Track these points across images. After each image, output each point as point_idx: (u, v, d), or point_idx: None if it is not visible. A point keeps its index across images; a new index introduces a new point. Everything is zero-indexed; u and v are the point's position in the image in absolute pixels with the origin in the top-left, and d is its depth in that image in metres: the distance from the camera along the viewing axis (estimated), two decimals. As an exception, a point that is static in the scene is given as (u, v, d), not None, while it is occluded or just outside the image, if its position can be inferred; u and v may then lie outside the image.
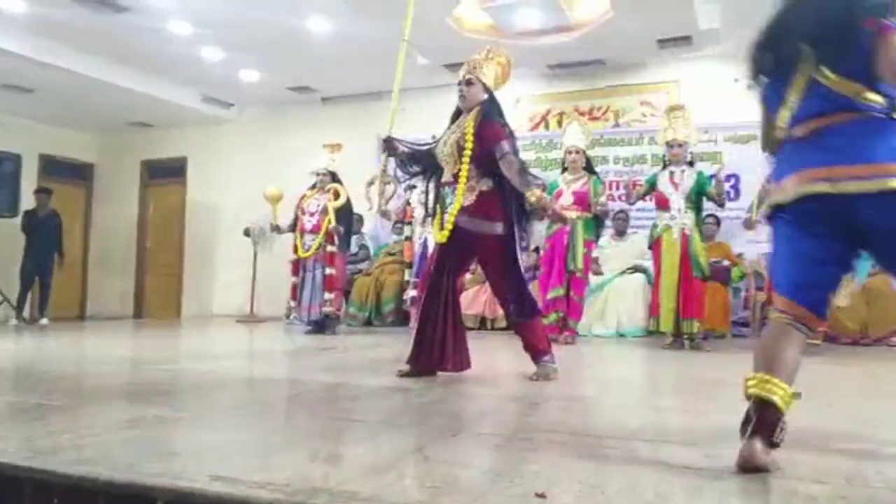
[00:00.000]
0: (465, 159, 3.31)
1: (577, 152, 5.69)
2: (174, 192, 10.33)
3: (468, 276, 7.42)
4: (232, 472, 1.63)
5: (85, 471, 1.64)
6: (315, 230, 6.41)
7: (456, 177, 3.34)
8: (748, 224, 5.10)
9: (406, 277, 6.27)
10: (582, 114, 7.77)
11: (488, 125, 3.34)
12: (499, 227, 3.30)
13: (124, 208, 10.64)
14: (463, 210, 3.30)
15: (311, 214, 6.48)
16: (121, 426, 2.23)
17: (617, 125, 7.87)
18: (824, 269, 1.92)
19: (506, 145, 3.28)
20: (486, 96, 3.49)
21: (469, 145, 3.30)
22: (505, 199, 3.32)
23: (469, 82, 3.49)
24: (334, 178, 6.63)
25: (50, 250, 8.34)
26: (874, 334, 5.74)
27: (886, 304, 5.76)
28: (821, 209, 1.84)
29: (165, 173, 10.48)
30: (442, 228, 3.37)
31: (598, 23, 6.44)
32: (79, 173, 10.75)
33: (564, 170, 5.79)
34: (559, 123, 7.86)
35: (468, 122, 3.39)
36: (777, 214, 1.99)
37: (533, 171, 3.42)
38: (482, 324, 7.09)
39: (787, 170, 1.95)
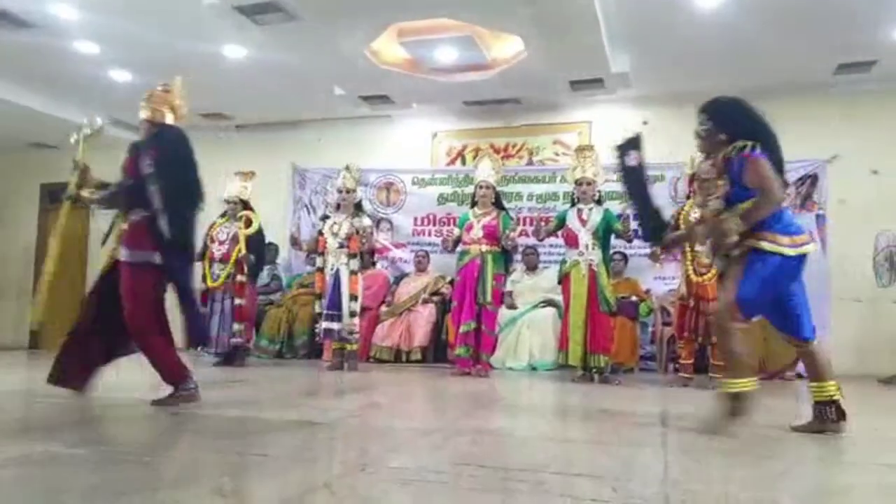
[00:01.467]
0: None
1: (488, 187, 5.78)
2: (77, 218, 9.82)
3: (384, 308, 7.39)
4: (125, 511, 1.55)
5: (-41, 514, 1.52)
6: (224, 259, 6.24)
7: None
8: (654, 257, 5.29)
9: (317, 309, 6.17)
10: (497, 151, 7.94)
11: (138, 156, 3.51)
12: (155, 257, 3.43)
13: (20, 233, 10.03)
14: (120, 239, 3.51)
15: (221, 243, 6.31)
16: (5, 464, 2.08)
17: (531, 163, 8.08)
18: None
19: (145, 166, 3.43)
20: (155, 131, 3.67)
21: (124, 176, 3.55)
22: (156, 230, 3.41)
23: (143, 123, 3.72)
24: (246, 205, 6.49)
25: None
26: (771, 368, 6.00)
27: (781, 340, 6.05)
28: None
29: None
30: None
31: (512, 63, 6.65)
32: (-29, 196, 10.09)
33: (474, 204, 5.87)
34: (475, 159, 8.00)
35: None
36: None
37: (449, 205, 3.52)
38: (397, 356, 7.04)
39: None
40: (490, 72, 6.87)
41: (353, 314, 6.00)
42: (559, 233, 5.63)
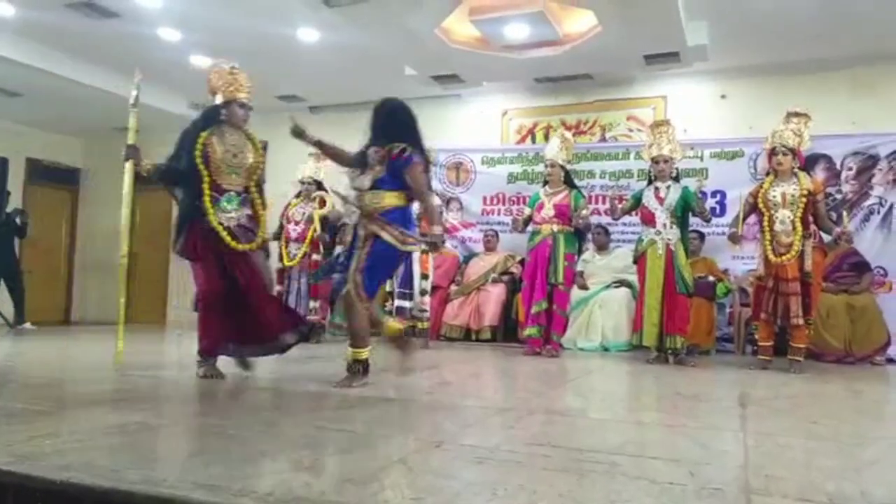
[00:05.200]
0: (256, 177, 3.93)
1: (553, 166, 5.68)
2: (161, 199, 10.21)
3: (453, 287, 7.43)
4: (214, 479, 1.62)
5: (67, 476, 1.62)
6: (300, 239, 6.41)
7: (247, 189, 3.87)
8: (734, 238, 5.13)
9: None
10: (569, 128, 7.79)
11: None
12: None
13: (111, 213, 10.53)
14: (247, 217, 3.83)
15: (297, 223, 6.48)
16: (104, 432, 2.21)
17: (604, 139, 7.91)
18: None
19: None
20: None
21: (262, 168, 3.97)
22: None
23: (250, 107, 3.97)
24: (320, 186, 6.63)
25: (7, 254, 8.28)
26: (858, 352, 5.73)
27: (871, 322, 5.77)
28: None
29: (153, 179, 10.40)
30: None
31: (586, 38, 6.51)
32: (65, 177, 10.68)
33: (545, 183, 5.81)
34: (546, 137, 7.89)
35: (258, 146, 3.96)
36: None
37: (519, 184, 3.64)
38: (467, 335, 7.08)
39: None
40: (562, 48, 6.74)
41: (423, 293, 6.07)
42: (634, 211, 5.52)
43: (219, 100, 3.91)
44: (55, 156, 10.41)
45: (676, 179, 5.37)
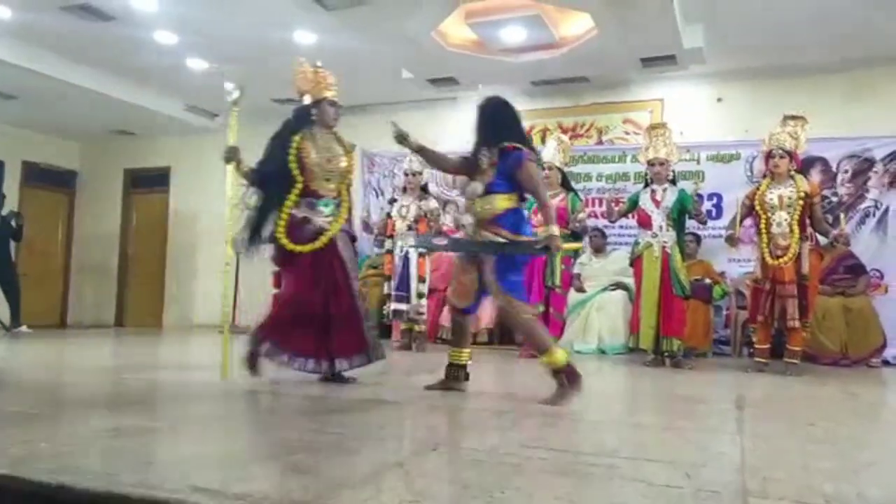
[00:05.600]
0: (349, 181, 3.89)
1: (550, 168, 5.69)
2: (157, 201, 10.26)
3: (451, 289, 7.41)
4: (211, 483, 1.62)
5: (63, 480, 1.61)
6: (299, 242, 6.38)
7: (340, 193, 3.79)
8: (731, 240, 5.13)
9: (386, 291, 6.27)
10: (565, 131, 7.82)
11: None
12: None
13: (107, 216, 10.55)
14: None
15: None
16: (99, 435, 2.20)
17: (600, 142, 7.93)
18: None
19: None
20: None
21: (353, 172, 3.95)
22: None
23: (339, 105, 3.91)
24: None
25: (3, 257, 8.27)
26: (854, 355, 5.75)
27: (867, 325, 5.79)
28: None
29: (149, 182, 10.41)
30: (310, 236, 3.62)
31: (582, 41, 6.52)
32: (61, 180, 10.66)
33: (543, 186, 5.82)
34: (542, 140, 7.88)
35: (349, 148, 3.90)
36: None
37: None
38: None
39: None
40: (558, 51, 6.75)
41: (420, 295, 6.06)
42: (631, 214, 5.53)
43: (307, 100, 3.83)
44: (51, 158, 10.40)
45: (673, 182, 5.37)
